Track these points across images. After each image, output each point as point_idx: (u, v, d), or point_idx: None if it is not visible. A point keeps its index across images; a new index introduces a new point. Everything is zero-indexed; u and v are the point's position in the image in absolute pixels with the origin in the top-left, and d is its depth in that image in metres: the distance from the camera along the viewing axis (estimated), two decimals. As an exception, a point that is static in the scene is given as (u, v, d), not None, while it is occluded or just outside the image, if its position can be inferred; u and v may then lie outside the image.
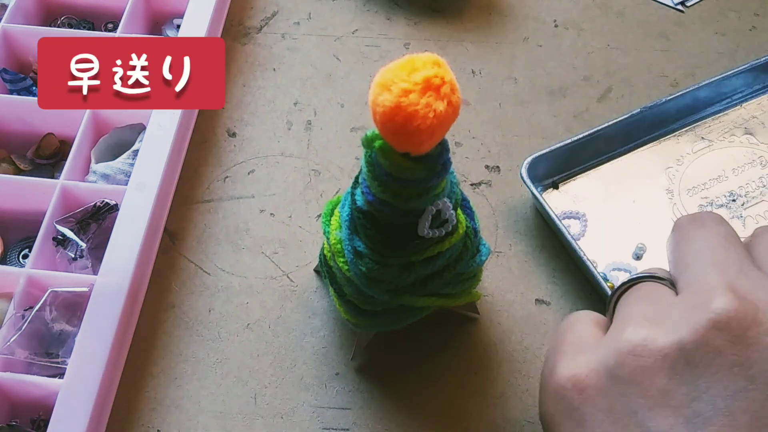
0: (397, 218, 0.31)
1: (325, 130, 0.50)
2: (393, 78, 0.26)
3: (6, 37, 0.50)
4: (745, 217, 0.46)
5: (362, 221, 0.33)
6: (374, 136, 0.29)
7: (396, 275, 0.33)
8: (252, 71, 0.53)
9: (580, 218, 0.46)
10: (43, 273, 0.40)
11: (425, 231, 0.31)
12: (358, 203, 0.32)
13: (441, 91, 0.26)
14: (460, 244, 0.34)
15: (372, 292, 0.34)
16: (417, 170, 0.29)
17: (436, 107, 0.26)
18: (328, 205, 0.37)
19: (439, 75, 0.26)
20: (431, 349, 0.41)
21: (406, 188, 0.30)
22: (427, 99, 0.26)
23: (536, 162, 0.45)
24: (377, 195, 0.31)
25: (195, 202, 0.47)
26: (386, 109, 0.26)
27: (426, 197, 0.30)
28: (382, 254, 0.33)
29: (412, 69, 0.26)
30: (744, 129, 0.50)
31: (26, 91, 0.49)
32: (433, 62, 0.26)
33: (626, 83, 0.53)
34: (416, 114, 0.26)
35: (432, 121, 0.26)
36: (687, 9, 0.57)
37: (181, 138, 0.47)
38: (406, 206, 0.30)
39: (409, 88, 0.26)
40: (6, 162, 0.47)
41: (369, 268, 0.33)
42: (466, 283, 0.37)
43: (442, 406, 0.39)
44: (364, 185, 0.31)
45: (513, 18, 0.56)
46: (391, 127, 0.26)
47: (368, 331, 0.39)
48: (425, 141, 0.27)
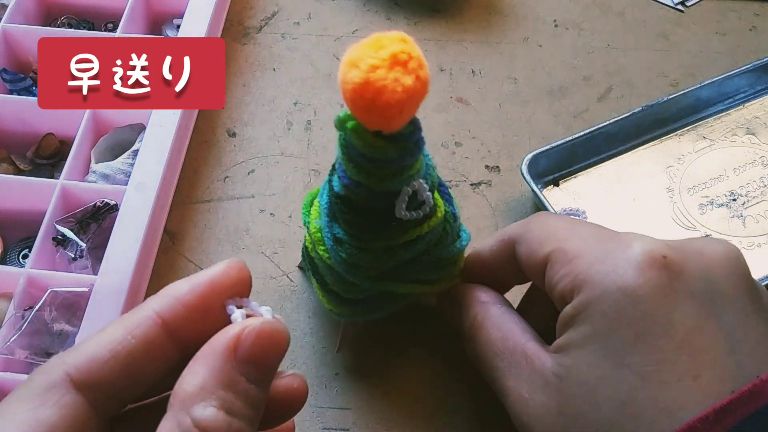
0: (373, 200, 0.32)
1: (325, 130, 0.50)
2: (360, 55, 0.26)
3: (6, 36, 0.50)
4: (745, 216, 0.46)
5: (340, 206, 0.33)
6: (346, 117, 0.29)
7: (376, 260, 0.33)
8: (252, 71, 0.53)
9: (580, 215, 0.46)
10: (42, 273, 0.40)
11: (402, 212, 0.31)
12: (335, 189, 0.33)
13: (408, 66, 0.26)
14: (439, 228, 0.34)
15: (353, 278, 0.34)
16: (389, 149, 0.29)
17: (404, 81, 0.26)
18: (308, 196, 0.37)
19: (406, 51, 0.26)
20: (431, 349, 0.41)
21: (380, 168, 0.30)
22: (394, 74, 0.26)
23: (537, 159, 0.45)
24: (352, 177, 0.31)
25: (195, 202, 0.47)
26: (355, 86, 0.26)
27: (401, 177, 0.31)
28: (361, 239, 0.33)
29: (379, 46, 0.26)
30: (746, 129, 0.50)
31: (26, 91, 0.49)
32: (400, 39, 0.27)
33: (626, 83, 0.53)
34: (385, 88, 0.26)
35: (401, 95, 0.26)
36: (687, 9, 0.57)
37: (180, 138, 0.47)
38: (381, 186, 0.31)
39: (377, 63, 0.26)
40: (6, 162, 0.47)
41: (349, 254, 0.33)
42: (446, 269, 0.37)
43: (443, 406, 0.39)
44: (339, 169, 0.32)
45: (513, 18, 0.56)
46: (361, 103, 0.26)
47: (352, 320, 0.39)
48: (395, 116, 0.27)
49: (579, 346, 0.28)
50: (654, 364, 0.27)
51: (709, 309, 0.28)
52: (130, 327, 0.24)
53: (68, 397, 0.23)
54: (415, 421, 0.39)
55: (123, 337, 0.24)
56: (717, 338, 0.27)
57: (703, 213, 0.46)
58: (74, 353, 0.24)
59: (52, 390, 0.23)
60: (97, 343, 0.24)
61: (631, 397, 0.27)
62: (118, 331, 0.24)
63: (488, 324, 0.34)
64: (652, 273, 0.28)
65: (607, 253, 0.29)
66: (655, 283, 0.27)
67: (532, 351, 0.31)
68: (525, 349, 0.31)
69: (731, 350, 0.27)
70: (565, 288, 0.30)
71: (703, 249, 0.29)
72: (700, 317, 0.27)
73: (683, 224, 0.45)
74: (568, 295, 0.30)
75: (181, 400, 0.22)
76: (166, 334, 0.25)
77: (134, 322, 0.24)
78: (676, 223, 0.46)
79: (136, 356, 0.24)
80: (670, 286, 0.28)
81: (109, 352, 0.24)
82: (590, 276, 0.29)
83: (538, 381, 0.30)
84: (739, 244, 0.45)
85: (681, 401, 0.26)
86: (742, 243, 0.45)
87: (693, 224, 0.45)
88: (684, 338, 0.27)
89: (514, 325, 0.33)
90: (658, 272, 0.28)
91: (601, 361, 0.27)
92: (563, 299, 0.30)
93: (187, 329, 0.25)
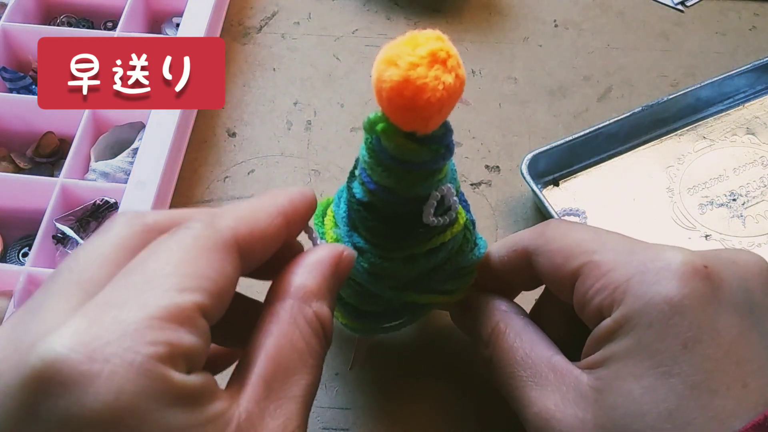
0: (400, 206, 0.31)
1: (325, 130, 0.50)
2: (398, 53, 0.25)
3: (5, 35, 0.50)
4: (745, 216, 0.46)
5: (362, 214, 0.32)
6: (377, 119, 0.28)
7: (399, 269, 0.33)
8: (252, 71, 0.53)
9: (579, 215, 0.46)
10: (42, 271, 0.40)
11: (430, 218, 0.31)
12: (357, 196, 0.32)
13: (448, 64, 0.26)
14: (460, 236, 0.34)
15: (375, 289, 0.34)
16: (422, 152, 0.28)
17: (445, 79, 0.25)
18: (320, 206, 0.36)
19: (445, 48, 0.26)
20: (431, 348, 0.41)
21: (411, 172, 0.29)
22: (435, 72, 0.25)
23: (537, 159, 0.45)
24: (380, 182, 0.30)
25: (195, 202, 0.47)
26: (394, 84, 0.25)
27: (431, 181, 0.30)
28: (384, 248, 0.32)
29: (416, 44, 0.25)
30: (746, 129, 0.50)
31: (26, 90, 0.49)
32: (437, 37, 0.26)
33: (626, 83, 0.53)
34: (426, 87, 0.25)
35: (442, 94, 0.25)
36: (687, 9, 0.57)
37: (180, 136, 0.47)
38: (410, 192, 0.30)
39: (416, 61, 0.25)
40: (6, 160, 0.47)
41: (371, 263, 0.32)
42: (464, 278, 0.36)
43: (443, 406, 0.39)
44: (364, 175, 0.31)
45: (513, 18, 0.56)
46: (400, 102, 0.26)
47: (368, 335, 0.39)
48: (434, 116, 0.26)
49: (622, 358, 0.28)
50: (703, 374, 0.27)
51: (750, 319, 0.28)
52: (273, 214, 0.27)
53: (238, 261, 0.25)
54: (416, 421, 0.39)
55: (271, 222, 0.27)
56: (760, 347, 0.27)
57: (703, 213, 0.46)
58: (237, 219, 0.26)
59: (227, 249, 0.25)
60: (256, 218, 0.27)
61: (680, 406, 0.27)
62: (267, 212, 0.27)
63: (511, 332, 0.33)
64: (696, 283, 0.28)
65: (645, 264, 0.29)
66: (700, 293, 0.28)
67: (561, 365, 0.31)
68: (552, 361, 0.31)
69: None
70: (602, 302, 0.29)
71: (736, 259, 0.30)
72: (743, 326, 0.27)
73: (683, 224, 0.45)
74: (606, 309, 0.29)
75: (303, 294, 0.27)
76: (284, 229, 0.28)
77: (273, 213, 0.27)
78: (676, 223, 0.46)
79: (270, 242, 0.27)
80: (713, 296, 0.28)
81: (263, 230, 0.27)
82: (630, 288, 0.28)
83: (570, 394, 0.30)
84: (739, 244, 0.45)
85: (731, 409, 0.26)
86: (742, 243, 0.45)
87: (693, 224, 0.45)
88: (730, 347, 0.27)
89: (538, 337, 0.33)
90: (702, 282, 0.28)
91: (648, 372, 0.27)
92: (599, 314, 0.30)
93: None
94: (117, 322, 0.21)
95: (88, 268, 0.24)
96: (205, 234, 0.25)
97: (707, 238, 0.45)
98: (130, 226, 0.25)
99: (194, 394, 0.22)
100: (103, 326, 0.21)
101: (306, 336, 0.26)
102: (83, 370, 0.20)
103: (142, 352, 0.21)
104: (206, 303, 0.23)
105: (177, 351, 0.22)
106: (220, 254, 0.24)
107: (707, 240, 0.45)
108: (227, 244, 0.25)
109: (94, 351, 0.20)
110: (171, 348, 0.21)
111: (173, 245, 0.24)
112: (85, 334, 0.21)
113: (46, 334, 0.21)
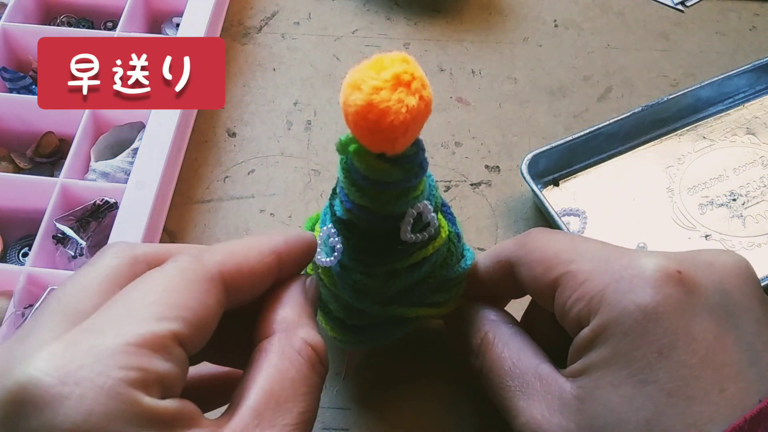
0: (377, 224, 0.31)
1: (325, 130, 0.50)
2: (362, 77, 0.26)
3: (5, 35, 0.50)
4: (745, 216, 0.46)
5: (344, 231, 0.32)
6: (348, 141, 0.28)
7: (382, 284, 0.33)
8: (252, 71, 0.53)
9: (579, 215, 0.46)
10: (42, 271, 0.40)
11: (408, 235, 0.31)
12: (337, 213, 0.32)
13: (411, 87, 0.26)
14: (444, 249, 0.34)
15: (361, 305, 0.34)
16: (394, 172, 0.29)
17: (408, 102, 0.26)
18: (308, 222, 0.37)
19: (409, 71, 0.26)
20: (431, 349, 0.41)
21: (384, 191, 0.29)
22: (398, 95, 0.25)
23: (537, 159, 0.45)
24: (356, 201, 0.30)
25: (195, 201, 0.47)
26: (358, 108, 0.26)
27: (405, 199, 0.30)
28: (366, 264, 0.32)
29: (381, 67, 0.26)
30: (746, 129, 0.50)
31: (26, 90, 0.49)
32: (402, 59, 0.26)
33: (626, 83, 0.53)
34: (388, 110, 0.25)
35: (405, 116, 0.26)
36: (687, 9, 0.57)
37: (180, 136, 0.47)
38: (385, 210, 0.30)
39: (380, 85, 0.25)
40: (6, 160, 0.47)
41: (355, 280, 0.33)
42: (452, 290, 0.36)
43: (443, 406, 0.39)
44: (342, 193, 0.31)
45: (513, 18, 0.56)
46: (364, 125, 0.26)
47: (357, 348, 0.39)
48: (399, 138, 0.27)
49: (600, 367, 0.28)
50: (679, 380, 0.27)
51: (727, 322, 0.28)
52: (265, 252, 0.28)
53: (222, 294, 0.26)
54: (415, 421, 0.39)
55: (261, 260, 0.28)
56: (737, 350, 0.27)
57: (703, 213, 0.46)
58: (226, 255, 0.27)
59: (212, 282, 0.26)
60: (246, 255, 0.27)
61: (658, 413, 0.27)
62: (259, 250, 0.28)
63: (499, 342, 0.33)
64: (669, 289, 0.28)
65: (619, 273, 0.29)
66: (674, 300, 0.27)
67: (547, 373, 0.31)
68: (539, 370, 0.31)
69: (752, 361, 0.27)
70: (580, 312, 0.29)
71: (714, 261, 0.29)
72: (719, 330, 0.27)
73: (683, 224, 0.45)
74: (584, 318, 0.29)
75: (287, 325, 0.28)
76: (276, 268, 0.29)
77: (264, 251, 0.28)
78: (676, 223, 0.46)
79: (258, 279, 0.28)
80: (687, 301, 0.28)
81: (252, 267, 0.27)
82: (606, 297, 0.28)
83: (555, 403, 0.30)
84: (739, 244, 0.45)
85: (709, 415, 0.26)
86: (742, 243, 0.45)
87: (693, 224, 0.45)
88: (706, 352, 0.27)
89: (526, 346, 0.33)
90: (675, 288, 0.28)
91: (625, 381, 0.27)
92: (578, 323, 0.30)
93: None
94: (92, 347, 0.22)
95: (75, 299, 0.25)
96: (190, 267, 0.26)
97: (707, 238, 0.45)
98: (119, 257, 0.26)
99: (167, 419, 0.23)
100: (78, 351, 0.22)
101: (297, 365, 0.27)
102: (55, 392, 0.21)
103: (113, 376, 0.22)
104: (184, 332, 0.24)
105: (150, 376, 0.23)
106: (203, 286, 0.25)
107: (707, 240, 0.45)
108: (212, 278, 0.26)
109: (67, 374, 0.22)
110: (144, 373, 0.22)
111: (158, 277, 0.25)
112: (60, 358, 0.22)
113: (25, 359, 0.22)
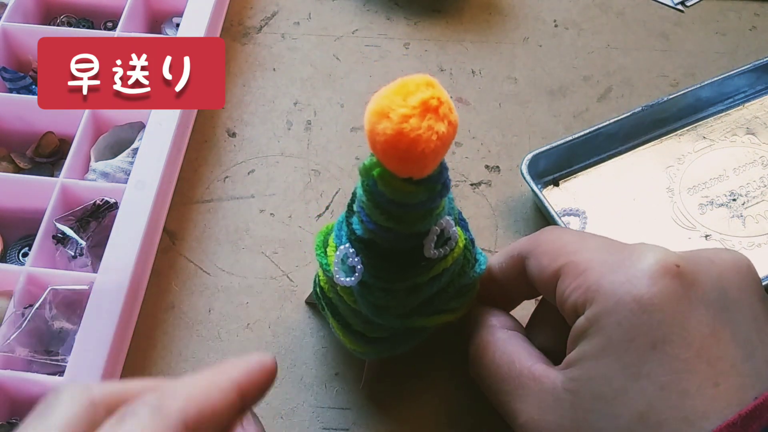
0: (401, 243, 0.31)
1: (325, 130, 0.50)
2: (389, 104, 0.25)
3: (6, 35, 0.50)
4: (745, 216, 0.46)
5: (364, 251, 0.32)
6: (372, 165, 0.28)
7: (403, 300, 0.33)
8: (252, 71, 0.53)
9: (579, 215, 0.46)
10: (42, 271, 0.40)
11: (432, 252, 0.31)
12: (357, 233, 0.31)
13: (440, 112, 0.25)
14: (461, 258, 0.34)
15: (382, 319, 0.34)
16: (419, 193, 0.28)
17: (438, 129, 0.25)
18: (319, 235, 0.36)
19: (435, 95, 0.25)
20: (431, 349, 0.41)
21: (410, 213, 0.29)
22: (428, 122, 0.25)
23: (537, 159, 0.45)
24: (380, 223, 0.30)
25: (195, 201, 0.47)
26: (388, 137, 0.25)
27: (429, 218, 0.30)
28: (387, 281, 0.32)
29: (407, 93, 0.25)
30: (746, 129, 0.50)
31: (26, 90, 0.49)
32: (426, 83, 0.26)
33: (626, 83, 0.53)
34: (420, 139, 0.25)
35: (436, 144, 0.25)
36: (687, 9, 0.57)
37: (180, 136, 0.47)
38: (411, 229, 0.30)
39: (408, 113, 0.25)
40: (6, 160, 0.47)
41: (376, 297, 0.32)
42: (467, 295, 0.36)
43: (443, 406, 0.39)
44: (363, 214, 0.30)
45: (513, 18, 0.56)
46: (395, 154, 0.26)
47: (377, 357, 0.38)
48: (429, 164, 0.26)
49: (593, 358, 0.28)
50: (673, 374, 0.26)
51: (724, 317, 0.28)
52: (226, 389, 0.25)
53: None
54: (415, 421, 0.39)
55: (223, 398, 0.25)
56: (733, 346, 0.27)
57: (703, 213, 0.46)
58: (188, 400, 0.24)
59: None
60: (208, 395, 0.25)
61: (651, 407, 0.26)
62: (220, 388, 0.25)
63: (493, 348, 0.34)
64: (666, 282, 0.28)
65: (618, 264, 0.29)
66: (669, 292, 0.27)
67: (540, 372, 0.31)
68: (532, 370, 0.31)
69: (747, 357, 0.27)
70: (577, 300, 0.29)
71: (714, 258, 0.29)
72: (716, 325, 0.27)
73: (683, 224, 0.45)
74: (580, 307, 0.29)
75: None
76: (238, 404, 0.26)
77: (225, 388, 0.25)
78: (676, 223, 0.46)
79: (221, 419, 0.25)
80: (684, 295, 0.27)
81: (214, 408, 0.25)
82: (602, 287, 0.28)
83: (548, 400, 0.30)
84: (738, 244, 0.45)
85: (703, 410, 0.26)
86: (742, 243, 0.45)
87: (693, 224, 0.45)
88: (701, 346, 0.27)
89: (520, 348, 0.33)
90: (672, 281, 0.28)
91: (618, 373, 0.27)
92: (575, 312, 0.30)
93: None
94: None
95: None
96: (151, 426, 0.24)
97: (707, 238, 0.45)
98: (75, 403, 0.24)
99: None
100: None
101: None
102: None
103: None
104: None
105: None
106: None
107: (707, 240, 0.45)
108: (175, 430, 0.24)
109: None
110: None
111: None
112: None
113: None
